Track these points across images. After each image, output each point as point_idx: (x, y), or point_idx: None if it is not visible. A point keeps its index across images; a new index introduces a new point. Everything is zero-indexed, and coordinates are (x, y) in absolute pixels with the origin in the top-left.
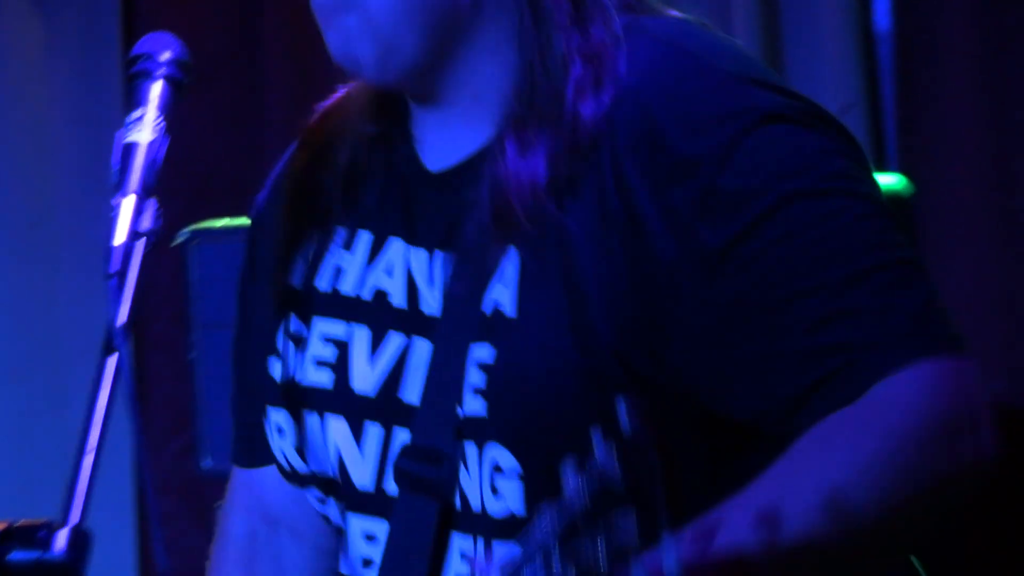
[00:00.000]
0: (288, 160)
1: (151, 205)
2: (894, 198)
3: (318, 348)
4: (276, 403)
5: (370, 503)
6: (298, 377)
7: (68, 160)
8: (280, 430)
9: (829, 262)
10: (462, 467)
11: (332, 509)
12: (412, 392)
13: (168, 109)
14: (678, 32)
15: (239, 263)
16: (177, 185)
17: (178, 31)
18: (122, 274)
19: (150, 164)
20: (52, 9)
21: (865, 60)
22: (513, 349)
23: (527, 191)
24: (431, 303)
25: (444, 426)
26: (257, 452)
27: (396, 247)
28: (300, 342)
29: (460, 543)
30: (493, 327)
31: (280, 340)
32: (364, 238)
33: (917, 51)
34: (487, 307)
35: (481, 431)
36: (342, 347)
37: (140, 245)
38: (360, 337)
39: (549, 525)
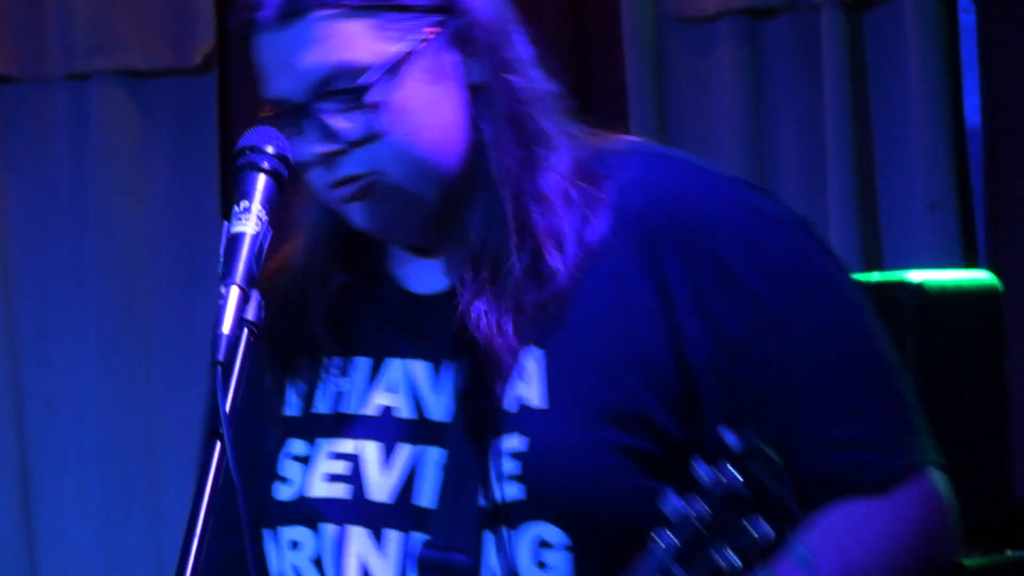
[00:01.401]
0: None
1: (256, 295)
2: (982, 295)
3: (327, 465)
4: (293, 521)
5: None
6: (309, 494)
7: (163, 250)
8: (295, 544)
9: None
10: (492, 553)
11: None
12: (425, 497)
13: (272, 202)
14: (664, 149)
15: None
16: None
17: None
18: (228, 363)
19: (255, 255)
20: (150, 104)
21: (955, 157)
22: (547, 436)
23: (538, 293)
24: (438, 411)
25: (463, 520)
26: None
27: (396, 366)
28: (306, 461)
29: None
30: (521, 420)
31: (283, 465)
32: (362, 363)
33: (1006, 148)
34: (510, 405)
35: (519, 513)
36: (354, 461)
37: (246, 334)
38: (370, 450)
39: (664, 547)
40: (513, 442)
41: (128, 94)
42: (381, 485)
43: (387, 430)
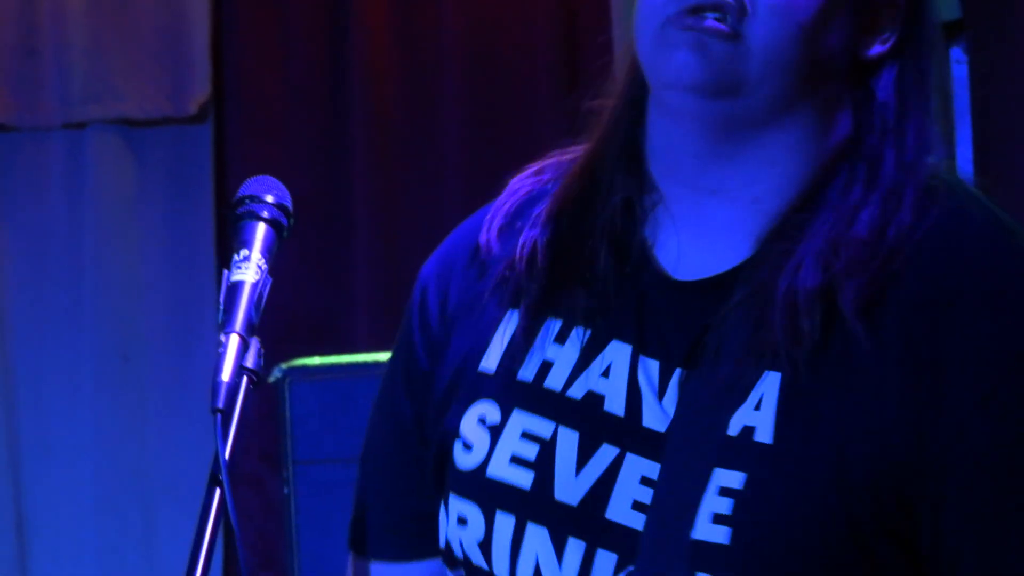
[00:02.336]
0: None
1: (256, 343)
2: None
3: (516, 444)
4: (464, 494)
5: None
6: (489, 471)
7: (158, 297)
8: (462, 520)
9: None
10: None
11: None
12: (618, 512)
13: (271, 251)
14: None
15: (335, 400)
16: (265, 323)
17: (267, 173)
18: (228, 410)
19: (255, 303)
20: (145, 153)
21: None
22: (769, 477)
23: (802, 311)
24: (656, 419)
25: (675, 556)
26: (416, 544)
27: (620, 351)
28: (496, 429)
29: None
30: (741, 452)
31: (469, 426)
32: (578, 334)
33: (996, 194)
34: (733, 430)
35: (717, 561)
36: (546, 447)
37: (245, 382)
38: (568, 440)
39: None
40: (729, 477)
41: (124, 143)
42: (570, 484)
43: (592, 421)
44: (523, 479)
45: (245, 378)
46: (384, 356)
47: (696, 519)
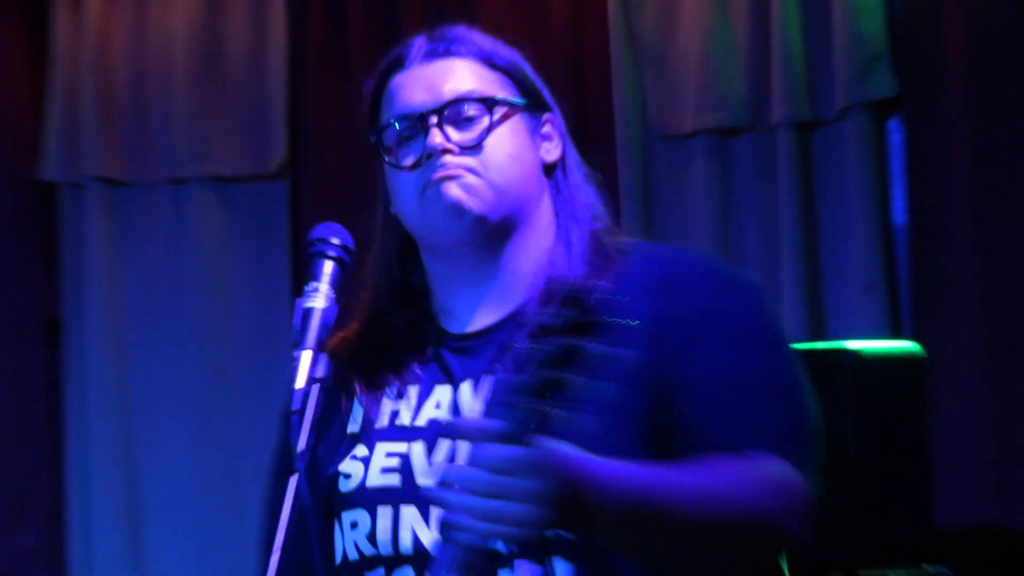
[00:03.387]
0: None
1: (323, 358)
2: (909, 360)
3: (383, 461)
4: (352, 506)
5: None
6: (367, 483)
7: (244, 321)
8: (355, 525)
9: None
10: None
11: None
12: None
13: (337, 283)
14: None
15: None
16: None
17: (333, 221)
18: (302, 412)
19: (323, 325)
20: (234, 204)
21: (885, 248)
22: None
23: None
24: (472, 414)
25: None
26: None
27: (441, 390)
28: (366, 460)
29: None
30: None
31: (348, 463)
32: (413, 390)
33: (927, 242)
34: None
35: None
36: (404, 457)
37: (316, 389)
38: (418, 449)
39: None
40: None
41: (217, 196)
42: (427, 473)
43: (432, 433)
44: (393, 480)
45: (316, 386)
46: None
47: None
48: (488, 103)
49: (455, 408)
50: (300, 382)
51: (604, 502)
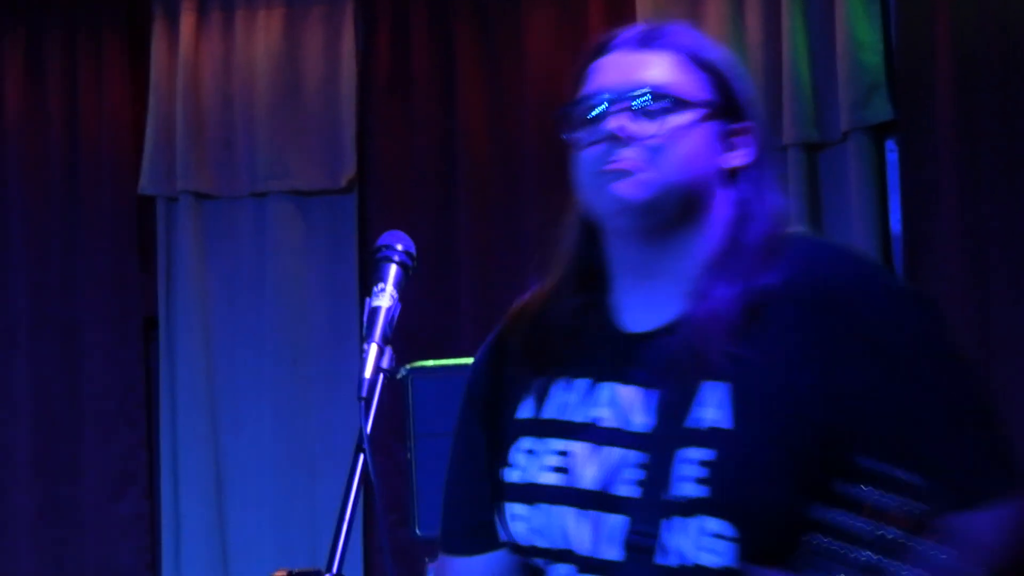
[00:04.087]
0: (501, 333)
1: (389, 350)
2: None
3: (549, 459)
4: (515, 499)
5: (594, 566)
6: (532, 479)
7: (318, 318)
8: (515, 517)
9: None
10: (679, 535)
11: (560, 571)
12: (623, 488)
13: (400, 285)
14: (822, 238)
15: (446, 390)
16: (396, 336)
17: (397, 229)
18: (369, 398)
19: (388, 322)
20: (309, 215)
21: (883, 254)
22: (734, 449)
23: (720, 340)
24: (638, 424)
25: (657, 509)
26: (480, 543)
27: (608, 388)
28: (532, 452)
29: None
30: (710, 436)
31: (514, 455)
32: (582, 384)
33: (921, 249)
34: (698, 424)
35: (700, 509)
36: (568, 457)
37: (381, 378)
38: (583, 449)
39: (818, 546)
40: (700, 453)
41: (294, 208)
42: (588, 476)
43: (596, 435)
44: (555, 479)
45: (381, 375)
46: None
47: (681, 483)
48: (677, 100)
49: (618, 409)
50: (368, 372)
51: None
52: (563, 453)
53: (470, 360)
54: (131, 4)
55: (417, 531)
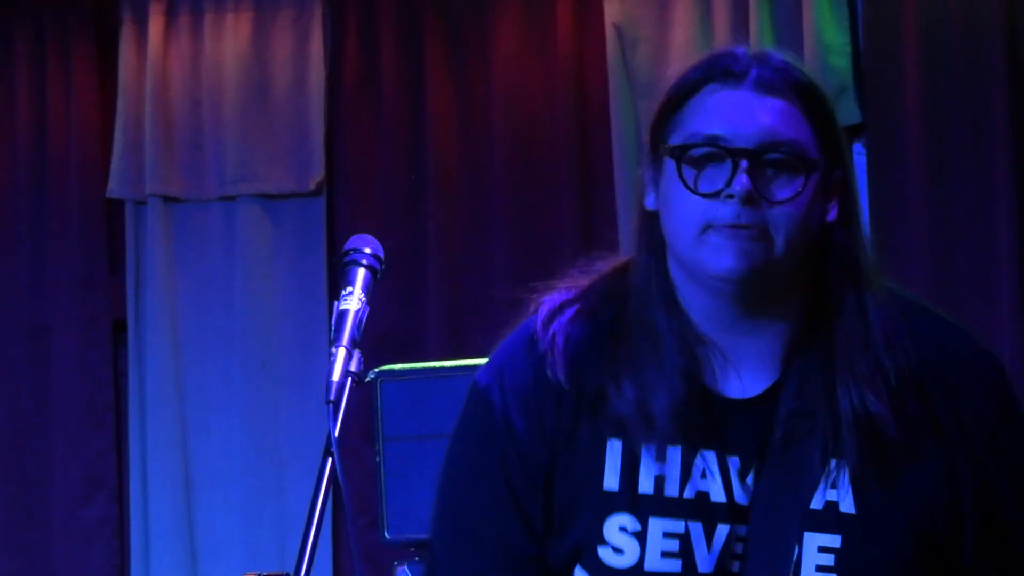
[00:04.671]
0: (567, 376)
1: (357, 354)
2: None
3: (661, 543)
4: None
5: None
6: (647, 567)
7: (286, 322)
8: None
9: None
10: None
11: None
12: (742, 571)
13: (368, 288)
14: (930, 311)
15: (414, 394)
16: (364, 339)
17: (366, 231)
18: (337, 401)
19: (356, 325)
20: (278, 218)
21: None
22: (859, 537)
23: (862, 421)
24: (740, 494)
25: None
26: None
27: (708, 456)
28: (640, 537)
29: None
30: (831, 520)
31: (611, 534)
32: (674, 452)
33: (888, 247)
34: (817, 504)
35: None
36: (684, 540)
37: (350, 381)
38: (696, 530)
39: None
40: (825, 539)
41: (263, 211)
42: (706, 560)
43: (706, 512)
44: (673, 566)
45: (349, 379)
46: (446, 363)
47: (801, 570)
48: (805, 162)
49: (724, 482)
50: (336, 375)
51: None
52: (677, 536)
53: (438, 364)
54: (99, 7)
55: (386, 534)
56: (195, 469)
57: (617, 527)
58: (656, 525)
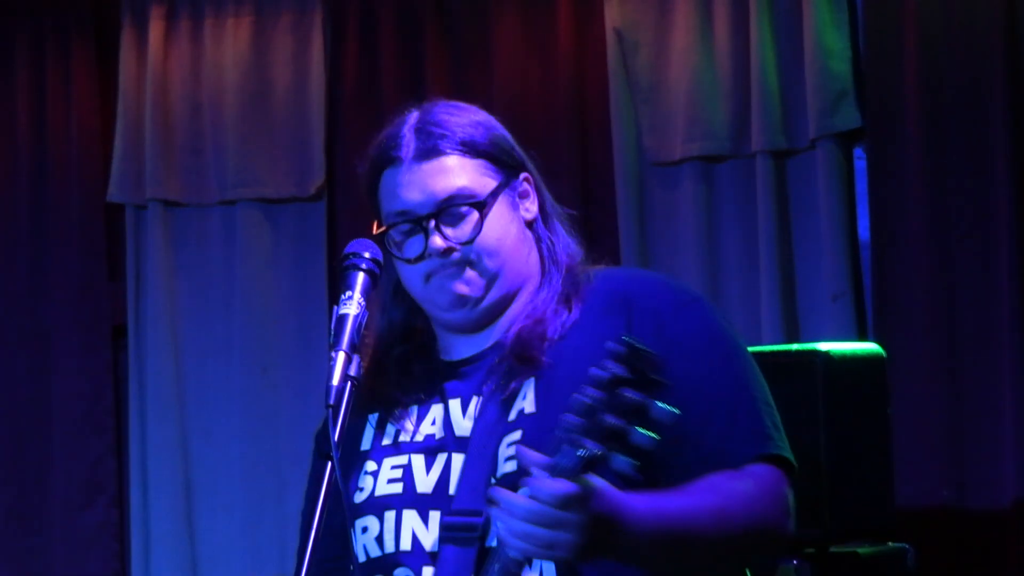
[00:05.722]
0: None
1: (357, 358)
2: (872, 360)
3: (388, 473)
4: (364, 514)
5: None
6: (376, 493)
7: (287, 327)
8: (365, 529)
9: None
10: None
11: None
12: (454, 487)
13: (367, 292)
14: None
15: None
16: (362, 343)
17: (366, 235)
18: (337, 406)
19: (356, 329)
20: (278, 222)
21: (852, 261)
22: (536, 427)
23: (536, 345)
24: (463, 430)
25: (477, 495)
26: None
27: (436, 408)
28: (375, 473)
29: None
30: (518, 422)
31: (361, 478)
32: (414, 410)
33: (888, 256)
34: (512, 416)
35: (515, 482)
36: (406, 468)
37: (349, 385)
38: (418, 461)
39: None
40: (514, 436)
41: (263, 215)
42: (425, 482)
43: (428, 447)
44: (396, 488)
45: (349, 383)
46: None
47: (497, 465)
48: (476, 201)
49: (447, 423)
50: (335, 379)
51: (636, 533)
52: (401, 466)
53: None
54: (100, 12)
55: None
56: (195, 473)
57: (364, 472)
58: (387, 462)
